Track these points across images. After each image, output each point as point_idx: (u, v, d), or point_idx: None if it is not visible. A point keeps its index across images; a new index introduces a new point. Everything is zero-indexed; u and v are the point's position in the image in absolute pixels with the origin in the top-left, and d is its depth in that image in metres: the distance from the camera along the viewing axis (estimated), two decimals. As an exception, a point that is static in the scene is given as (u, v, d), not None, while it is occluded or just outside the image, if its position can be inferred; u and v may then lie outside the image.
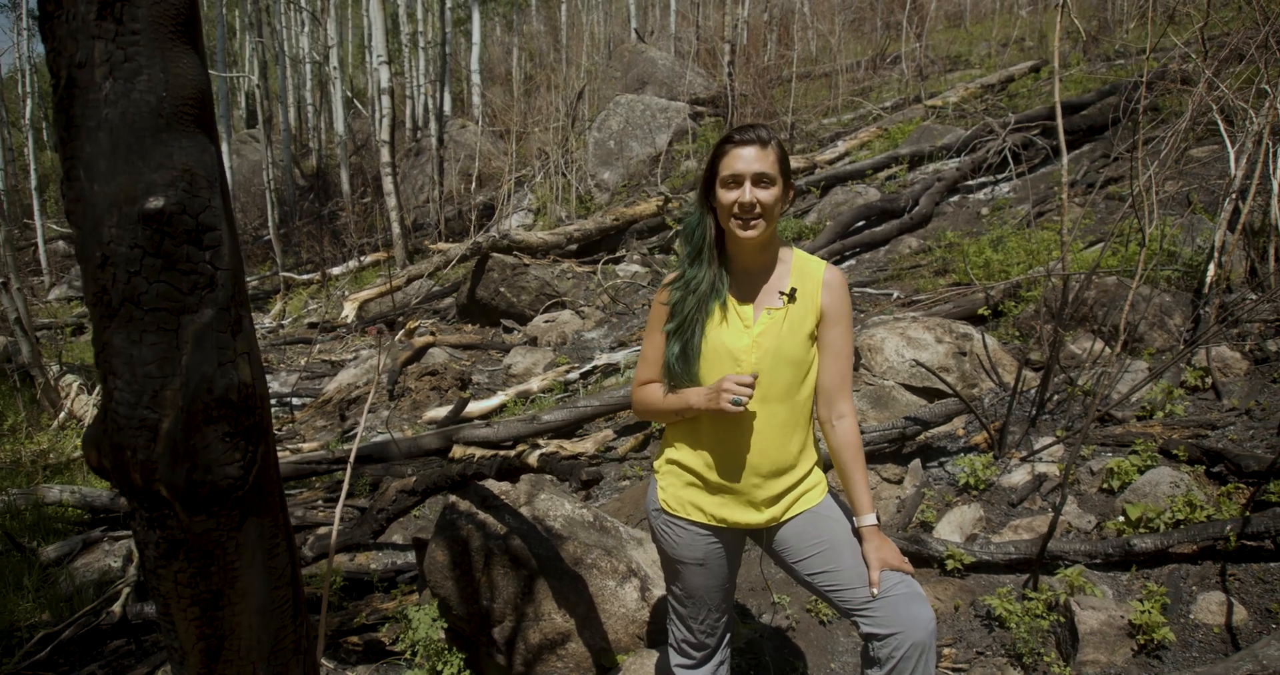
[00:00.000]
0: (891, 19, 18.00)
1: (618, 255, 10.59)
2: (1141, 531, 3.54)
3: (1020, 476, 4.18)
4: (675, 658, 2.48)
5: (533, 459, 3.18)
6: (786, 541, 2.24)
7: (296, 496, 5.64)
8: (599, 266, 10.06)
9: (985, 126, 9.30)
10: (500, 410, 6.81)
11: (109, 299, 1.00)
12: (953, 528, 3.98)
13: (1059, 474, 4.09)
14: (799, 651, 3.38)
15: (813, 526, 2.22)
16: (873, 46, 17.48)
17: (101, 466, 1.07)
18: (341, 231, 15.64)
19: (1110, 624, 3.07)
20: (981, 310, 5.89)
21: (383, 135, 13.18)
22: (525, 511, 3.47)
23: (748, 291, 2.17)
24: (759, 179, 2.04)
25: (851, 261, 8.31)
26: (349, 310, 10.72)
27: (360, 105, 24.39)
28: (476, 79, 19.88)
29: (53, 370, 8.27)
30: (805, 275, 2.16)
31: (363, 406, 7.37)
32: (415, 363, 7.91)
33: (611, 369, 7.17)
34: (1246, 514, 3.37)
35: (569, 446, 5.65)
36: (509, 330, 9.40)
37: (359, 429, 3.13)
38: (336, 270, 13.92)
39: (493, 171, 16.66)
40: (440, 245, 11.06)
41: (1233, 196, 5.07)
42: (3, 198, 16.08)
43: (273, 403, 8.01)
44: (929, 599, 2.73)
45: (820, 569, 2.18)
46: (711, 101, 14.73)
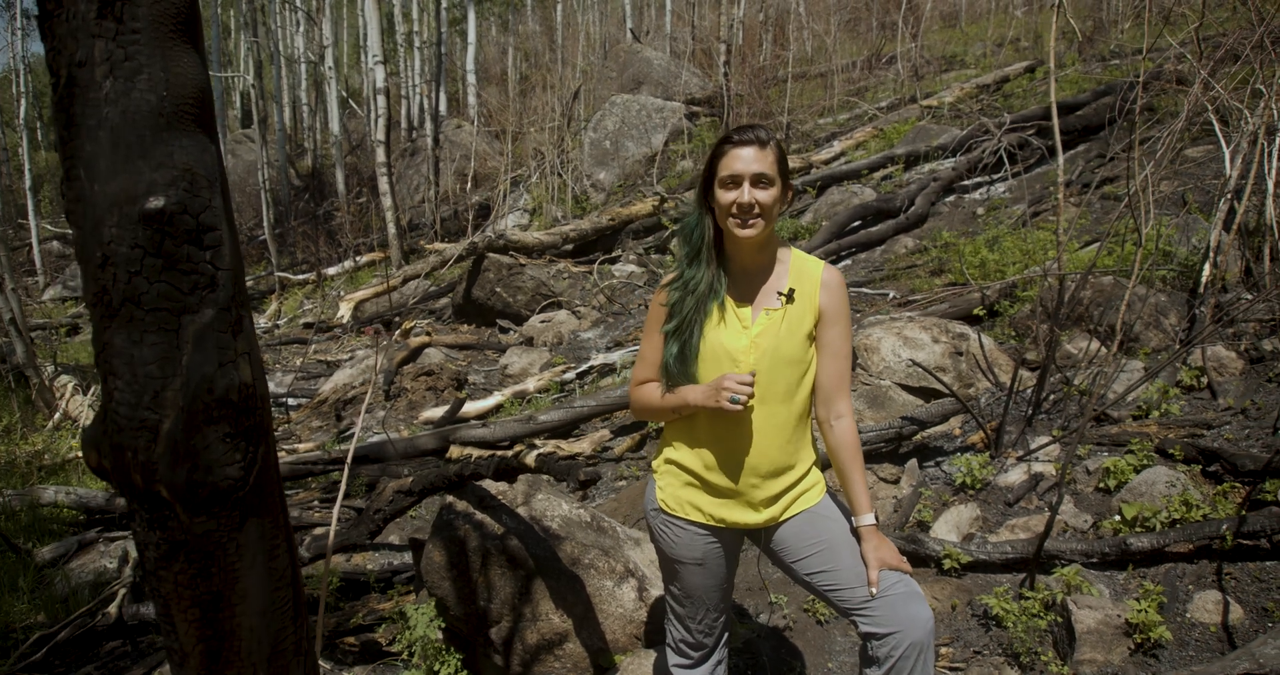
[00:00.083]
0: (887, 19, 18.02)
1: (614, 255, 10.58)
2: (1138, 531, 3.55)
3: (1017, 476, 4.19)
4: (673, 658, 2.48)
5: (530, 459, 3.17)
6: (785, 541, 2.24)
7: (293, 497, 5.63)
8: (595, 266, 10.05)
9: (981, 126, 9.31)
10: (497, 410, 6.81)
11: (109, 299, 1.00)
12: (949, 527, 3.99)
13: (1055, 473, 4.10)
14: (796, 651, 3.38)
15: (811, 526, 2.22)
16: (868, 46, 17.49)
17: (101, 467, 1.07)
18: (337, 232, 15.61)
19: (1107, 623, 3.08)
20: (977, 310, 5.90)
21: (378, 135, 13.16)
22: (522, 512, 3.46)
23: (746, 292, 2.17)
24: (758, 179, 2.04)
25: (847, 261, 8.31)
26: (344, 310, 10.69)
27: (355, 105, 24.38)
28: (472, 79, 19.88)
29: (48, 371, 8.24)
30: (803, 275, 2.16)
31: (358, 407, 7.36)
32: (411, 363, 7.89)
33: (608, 369, 7.17)
34: (1242, 513, 3.38)
35: (566, 447, 5.65)
36: (505, 330, 9.40)
37: (356, 429, 3.12)
38: (332, 270, 13.89)
39: (488, 171, 16.65)
40: (436, 245, 11.05)
41: (1228, 196, 5.09)
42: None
43: (268, 403, 7.98)
44: (926, 598, 2.73)
45: (819, 569, 2.18)
46: (707, 101, 14.74)
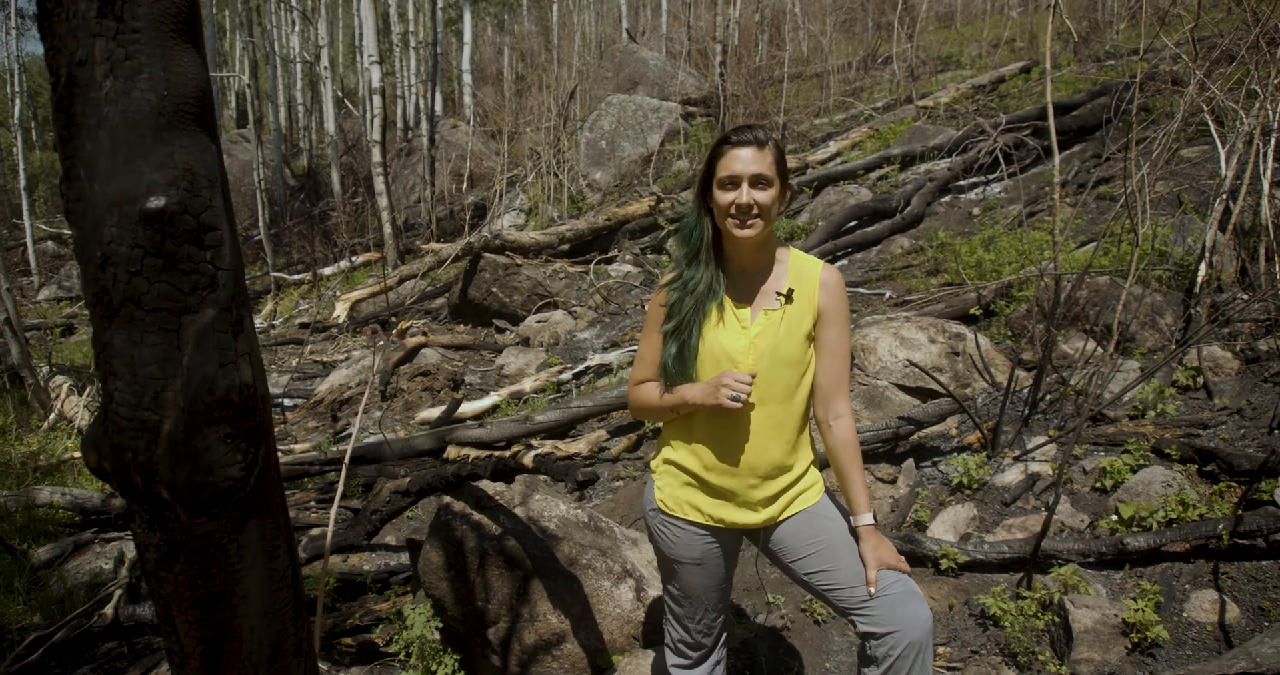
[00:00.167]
0: (883, 20, 18.05)
1: (610, 255, 10.58)
2: (1134, 530, 3.55)
3: (1013, 476, 4.20)
4: (672, 658, 2.48)
5: (528, 459, 3.17)
6: (783, 541, 2.24)
7: (289, 498, 5.62)
8: (591, 267, 10.05)
9: (976, 127, 9.32)
10: (493, 411, 6.80)
11: (109, 299, 0.99)
12: (946, 527, 3.99)
13: (1052, 473, 4.10)
14: (794, 651, 3.38)
15: (809, 526, 2.22)
16: (864, 47, 17.52)
17: (101, 468, 1.06)
18: (333, 232, 15.58)
19: (1104, 622, 3.08)
20: (974, 310, 5.91)
21: (374, 135, 13.14)
22: (520, 512, 3.46)
23: (745, 293, 2.17)
24: (756, 180, 2.04)
25: (844, 261, 8.32)
26: (340, 311, 10.68)
27: (351, 105, 24.34)
28: (468, 79, 19.86)
29: (43, 371, 8.22)
30: (802, 275, 2.16)
31: (354, 407, 7.35)
32: (407, 363, 7.89)
33: (604, 369, 7.17)
34: (1239, 512, 3.39)
35: (563, 447, 5.64)
36: (501, 331, 9.39)
37: (354, 429, 3.12)
38: (328, 270, 13.87)
39: (484, 172, 16.65)
40: (432, 245, 11.03)
41: (1223, 197, 5.11)
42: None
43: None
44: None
45: (817, 568, 2.18)
46: (703, 102, 14.74)
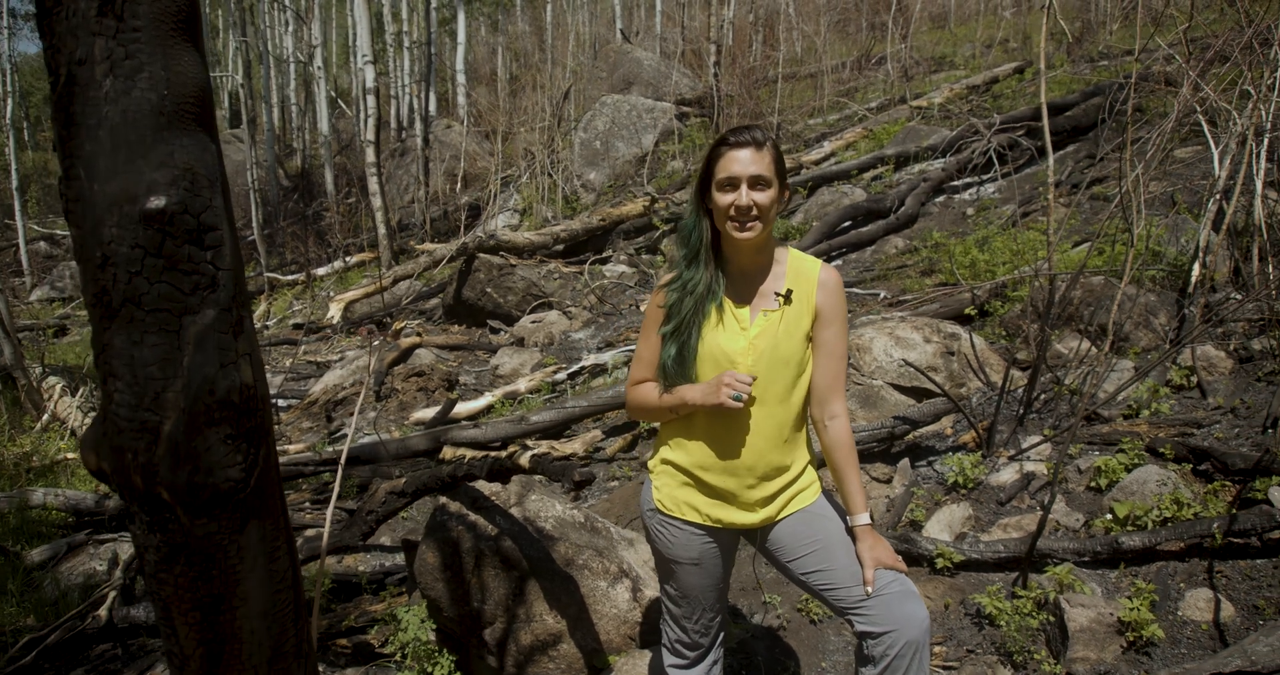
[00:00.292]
0: (876, 20, 18.08)
1: (604, 255, 10.58)
2: (1129, 529, 3.56)
3: (1008, 475, 4.20)
4: (669, 658, 2.48)
5: (524, 460, 3.16)
6: (780, 541, 2.24)
7: (284, 498, 5.60)
8: (586, 267, 10.05)
9: (970, 127, 9.35)
10: (488, 411, 6.79)
11: (109, 300, 0.99)
12: (942, 526, 4.00)
13: (1047, 472, 4.11)
14: (790, 651, 3.39)
15: (806, 526, 2.22)
16: (858, 47, 17.55)
17: (101, 470, 1.06)
18: (326, 232, 15.56)
19: (1099, 621, 3.09)
20: (968, 310, 5.92)
21: (368, 135, 13.12)
22: (516, 512, 3.45)
23: (744, 293, 2.17)
24: (755, 181, 2.03)
25: (838, 261, 8.33)
26: (334, 311, 10.66)
27: (345, 105, 24.31)
28: (462, 79, 19.83)
29: (35, 372, 8.18)
30: (800, 275, 2.16)
31: (349, 408, 7.33)
32: (402, 364, 7.87)
33: (599, 369, 7.16)
34: (1233, 511, 3.40)
35: (558, 447, 5.64)
36: (496, 331, 9.38)
37: (349, 430, 3.11)
38: (321, 271, 13.84)
39: (478, 172, 16.62)
40: (426, 246, 11.02)
41: (1217, 197, 5.12)
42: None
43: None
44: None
45: (814, 568, 2.19)
46: (697, 102, 14.74)
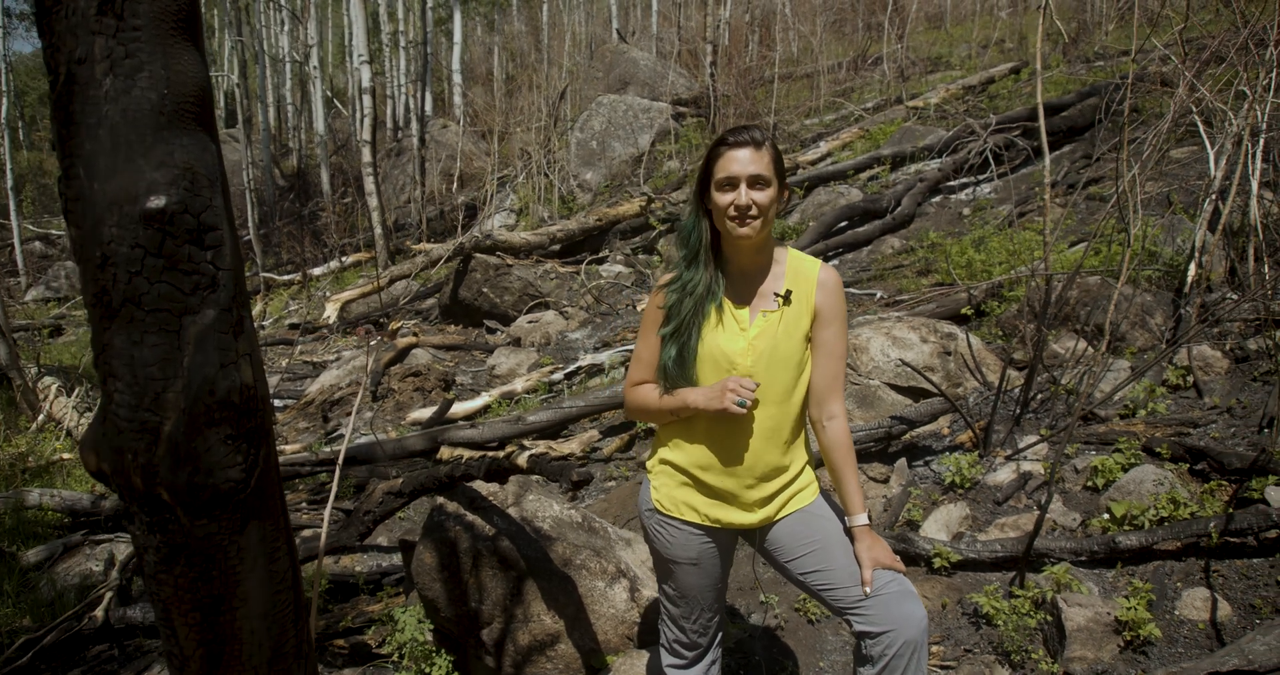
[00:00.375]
0: (873, 20, 18.09)
1: (601, 255, 10.58)
2: (1126, 529, 3.57)
3: (1005, 475, 4.21)
4: (667, 658, 2.48)
5: (522, 460, 3.16)
6: (779, 541, 2.24)
7: (280, 499, 5.59)
8: (582, 267, 10.04)
9: (966, 127, 9.35)
10: (485, 411, 6.79)
11: (109, 300, 0.98)
12: (939, 526, 4.00)
13: (1044, 472, 4.12)
14: (788, 650, 3.39)
15: (805, 526, 2.22)
16: (854, 48, 17.55)
17: (100, 470, 1.05)
18: (322, 232, 15.53)
19: (1097, 621, 3.09)
20: (965, 310, 5.93)
21: (364, 135, 13.10)
22: (513, 513, 3.45)
23: (744, 294, 2.17)
24: (754, 181, 2.03)
25: (835, 261, 8.34)
26: (330, 311, 10.64)
27: (341, 105, 24.27)
28: (458, 79, 19.83)
29: (31, 372, 8.15)
30: (800, 275, 2.16)
31: (345, 408, 7.32)
32: (398, 364, 7.86)
33: (596, 369, 7.16)
34: (1229, 511, 3.41)
35: (556, 447, 5.64)
36: (492, 331, 9.37)
37: (346, 430, 3.11)
38: (317, 271, 13.81)
39: (474, 172, 16.61)
40: (423, 245, 11.01)
41: (1213, 197, 5.14)
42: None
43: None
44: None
45: (813, 568, 2.19)
46: (694, 102, 14.75)
